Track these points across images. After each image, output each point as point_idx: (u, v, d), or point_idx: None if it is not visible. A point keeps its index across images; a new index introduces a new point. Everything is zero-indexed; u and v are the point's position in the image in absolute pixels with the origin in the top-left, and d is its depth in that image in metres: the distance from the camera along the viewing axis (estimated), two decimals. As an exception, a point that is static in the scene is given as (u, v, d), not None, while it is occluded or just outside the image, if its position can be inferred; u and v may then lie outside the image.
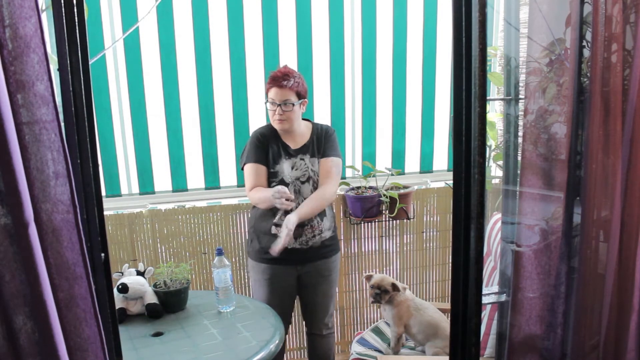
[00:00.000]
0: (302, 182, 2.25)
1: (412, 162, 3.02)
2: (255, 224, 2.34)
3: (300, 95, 2.20)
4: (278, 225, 2.22)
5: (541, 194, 1.28)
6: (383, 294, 2.20)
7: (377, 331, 2.41)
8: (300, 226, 2.22)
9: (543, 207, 1.28)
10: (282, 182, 2.24)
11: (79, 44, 1.05)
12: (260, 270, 2.33)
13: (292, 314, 2.47)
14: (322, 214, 2.29)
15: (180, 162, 2.73)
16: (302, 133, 2.30)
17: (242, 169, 2.32)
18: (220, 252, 2.05)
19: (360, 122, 2.90)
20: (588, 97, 1.22)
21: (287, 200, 2.12)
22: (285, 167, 2.25)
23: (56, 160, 0.92)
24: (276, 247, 2.10)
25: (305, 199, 2.24)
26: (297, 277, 2.34)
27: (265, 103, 2.22)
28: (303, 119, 2.33)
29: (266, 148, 2.26)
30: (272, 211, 2.25)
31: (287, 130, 2.24)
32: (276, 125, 2.22)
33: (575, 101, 1.22)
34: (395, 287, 2.21)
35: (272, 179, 2.25)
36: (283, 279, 2.31)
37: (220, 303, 2.02)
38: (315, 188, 2.26)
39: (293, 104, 2.17)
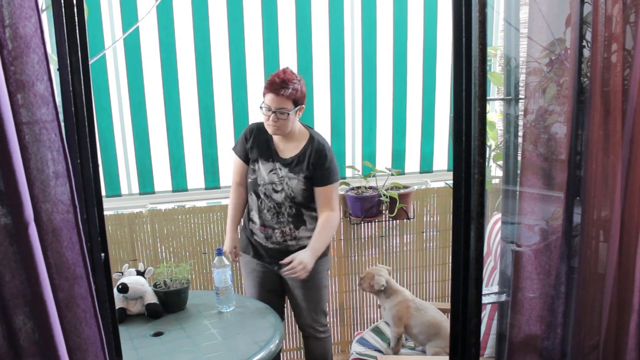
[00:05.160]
0: (276, 191, 2.22)
1: (412, 162, 3.02)
2: (244, 217, 2.39)
3: (297, 103, 2.12)
4: (254, 222, 2.30)
5: (541, 194, 1.28)
6: (362, 280, 2.29)
7: (377, 331, 2.41)
8: (270, 228, 2.25)
9: (543, 207, 1.28)
10: (255, 182, 2.25)
11: (79, 44, 1.05)
12: (244, 262, 2.39)
13: (284, 311, 2.45)
14: (298, 225, 2.24)
15: (180, 162, 2.73)
16: (294, 140, 2.23)
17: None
18: (220, 252, 2.05)
19: (360, 122, 2.89)
20: (588, 97, 1.22)
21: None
22: (263, 169, 2.23)
23: (56, 160, 0.92)
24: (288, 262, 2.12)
25: (277, 203, 2.22)
26: (279, 275, 2.32)
27: (261, 107, 2.16)
28: (303, 125, 2.28)
29: (250, 144, 2.26)
30: (250, 203, 2.31)
31: (280, 136, 2.21)
32: (269, 131, 2.18)
33: (575, 101, 1.22)
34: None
35: (250, 174, 2.27)
36: (265, 276, 2.33)
37: (221, 303, 2.02)
38: (287, 200, 2.21)
39: (288, 113, 2.10)
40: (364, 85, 2.85)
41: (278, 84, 2.08)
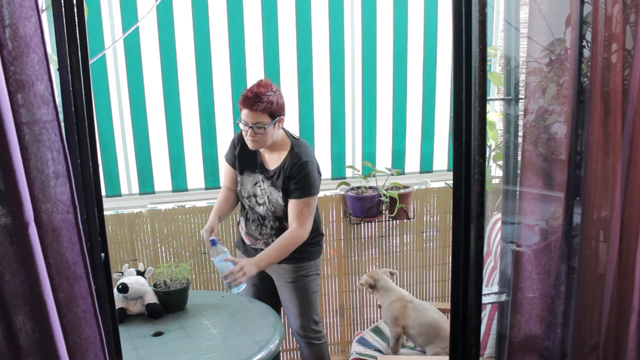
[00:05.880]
0: (258, 204, 2.22)
1: (412, 162, 3.02)
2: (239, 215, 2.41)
3: (273, 115, 2.06)
4: (241, 227, 2.29)
5: (541, 194, 1.28)
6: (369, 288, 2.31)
7: (377, 331, 2.41)
8: (254, 238, 2.25)
9: (543, 207, 1.28)
10: (241, 194, 2.27)
11: (79, 44, 1.05)
12: (238, 257, 2.38)
13: (280, 309, 2.42)
14: (280, 233, 2.19)
15: (180, 162, 2.73)
16: (278, 151, 2.19)
17: None
18: (214, 243, 2.06)
19: (360, 122, 2.89)
20: (588, 97, 1.22)
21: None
22: (248, 181, 2.23)
23: (56, 160, 0.92)
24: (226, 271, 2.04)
25: (261, 216, 2.22)
26: (269, 275, 2.31)
27: (238, 122, 2.12)
28: (288, 135, 2.22)
29: (237, 154, 2.25)
30: (241, 209, 2.33)
31: (261, 148, 2.18)
32: (249, 146, 2.14)
33: (575, 101, 1.22)
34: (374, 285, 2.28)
35: (238, 185, 2.29)
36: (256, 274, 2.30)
37: (231, 286, 2.02)
38: (269, 213, 2.20)
39: (265, 127, 2.05)
40: (364, 85, 2.85)
41: (251, 98, 2.03)
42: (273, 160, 2.20)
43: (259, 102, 2.02)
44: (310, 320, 2.32)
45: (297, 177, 2.12)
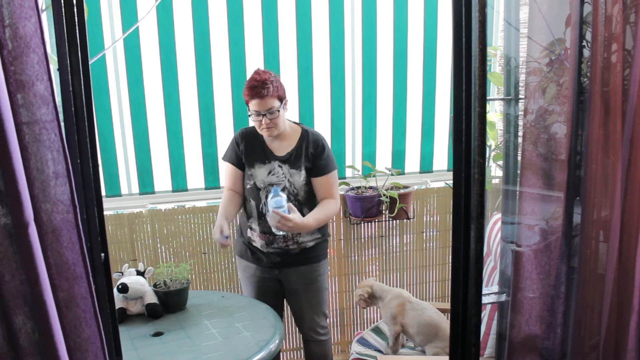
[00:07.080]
0: None
1: (412, 162, 3.02)
2: (240, 219, 2.38)
3: (281, 98, 2.12)
4: (253, 229, 2.25)
5: (541, 194, 1.28)
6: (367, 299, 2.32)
7: (377, 331, 2.41)
8: (271, 234, 2.19)
9: (543, 207, 1.28)
10: (254, 187, 2.22)
11: (79, 44, 1.05)
12: (242, 267, 2.37)
13: (283, 313, 2.45)
14: None
15: (180, 162, 2.73)
16: (287, 137, 2.23)
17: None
18: (275, 191, 2.08)
19: (360, 122, 2.89)
20: (588, 97, 1.22)
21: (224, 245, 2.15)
22: (260, 172, 2.21)
23: (56, 160, 0.92)
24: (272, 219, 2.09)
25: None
26: (279, 279, 2.32)
27: (249, 114, 2.15)
28: (294, 123, 2.28)
29: (243, 150, 2.24)
30: (249, 211, 2.29)
31: (276, 135, 2.20)
32: (265, 134, 2.17)
33: (575, 101, 1.22)
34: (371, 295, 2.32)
35: (247, 180, 2.25)
36: (264, 280, 2.31)
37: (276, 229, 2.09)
38: (290, 199, 2.19)
39: (278, 110, 2.11)
40: (364, 85, 2.85)
41: (258, 87, 2.07)
42: (283, 147, 2.22)
43: (267, 87, 2.07)
44: (322, 316, 2.36)
45: (322, 155, 2.21)
